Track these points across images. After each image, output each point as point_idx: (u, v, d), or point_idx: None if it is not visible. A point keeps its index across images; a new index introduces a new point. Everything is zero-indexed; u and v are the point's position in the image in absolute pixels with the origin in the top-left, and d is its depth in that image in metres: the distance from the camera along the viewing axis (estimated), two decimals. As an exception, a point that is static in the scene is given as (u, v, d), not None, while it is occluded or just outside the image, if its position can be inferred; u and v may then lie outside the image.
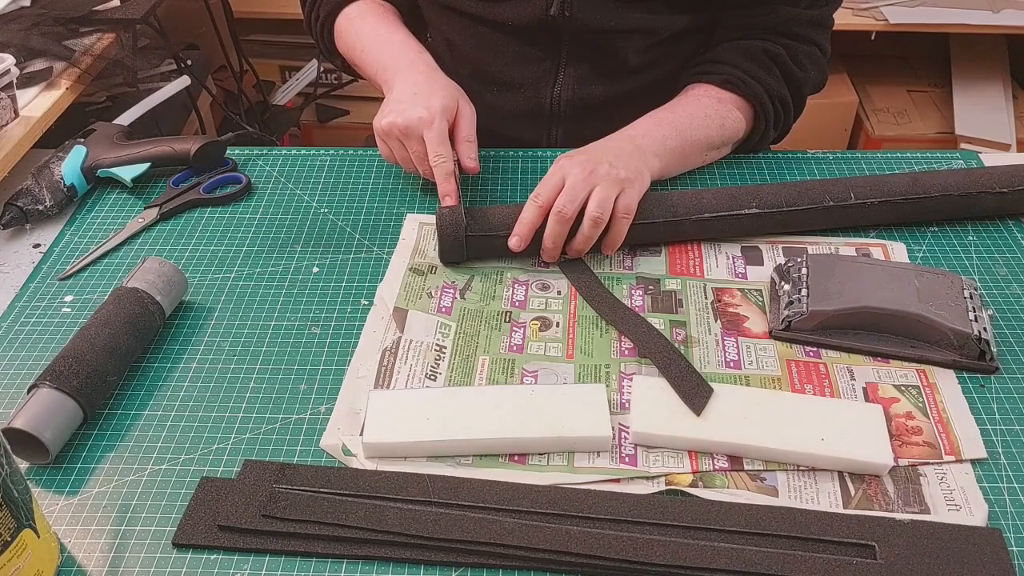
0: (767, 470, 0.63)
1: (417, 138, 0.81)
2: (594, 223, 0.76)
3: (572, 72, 0.94)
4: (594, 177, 0.77)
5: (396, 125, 0.82)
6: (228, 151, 0.94)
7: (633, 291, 0.77)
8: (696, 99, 0.90)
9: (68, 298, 0.78)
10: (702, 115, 0.88)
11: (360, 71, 0.99)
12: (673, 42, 0.94)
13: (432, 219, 0.83)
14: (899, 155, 0.95)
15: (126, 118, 1.04)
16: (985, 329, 0.70)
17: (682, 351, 0.70)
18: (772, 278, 0.77)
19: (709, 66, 0.91)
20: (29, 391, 0.64)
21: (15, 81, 0.97)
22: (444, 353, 0.71)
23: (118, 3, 1.26)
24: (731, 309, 0.75)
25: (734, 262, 0.80)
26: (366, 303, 0.77)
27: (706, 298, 0.76)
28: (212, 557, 0.58)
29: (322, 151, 0.95)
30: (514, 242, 0.77)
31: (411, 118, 0.81)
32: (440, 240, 0.78)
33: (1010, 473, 0.62)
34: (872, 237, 0.83)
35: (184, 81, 1.19)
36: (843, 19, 1.77)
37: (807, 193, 0.81)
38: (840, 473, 0.62)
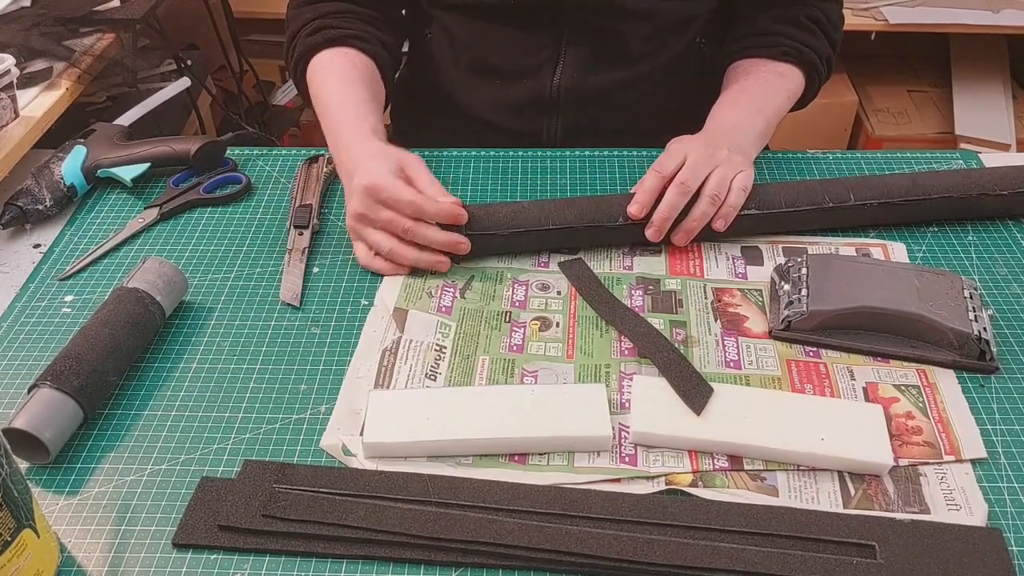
0: (767, 470, 0.63)
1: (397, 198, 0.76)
2: (712, 201, 0.78)
3: (573, 59, 0.94)
4: (715, 159, 0.79)
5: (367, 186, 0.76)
6: (228, 151, 0.94)
7: (633, 291, 0.77)
8: (763, 76, 0.92)
9: (68, 298, 0.78)
10: (773, 91, 0.91)
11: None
12: (675, 30, 0.94)
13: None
14: (899, 155, 0.95)
15: (126, 118, 1.04)
16: (985, 329, 0.70)
17: (682, 351, 0.70)
18: (772, 278, 0.77)
19: (758, 39, 0.93)
20: (29, 391, 0.64)
21: (15, 81, 0.97)
22: (444, 353, 0.71)
23: (118, 3, 1.26)
24: (731, 309, 0.75)
25: (734, 262, 0.80)
26: (366, 303, 0.77)
27: (706, 298, 0.76)
28: (212, 557, 0.58)
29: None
30: (634, 209, 0.78)
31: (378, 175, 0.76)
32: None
33: (1010, 473, 0.62)
34: (872, 237, 0.83)
35: (184, 83, 1.19)
36: (843, 19, 1.77)
37: (806, 194, 0.81)
38: (840, 473, 0.62)
